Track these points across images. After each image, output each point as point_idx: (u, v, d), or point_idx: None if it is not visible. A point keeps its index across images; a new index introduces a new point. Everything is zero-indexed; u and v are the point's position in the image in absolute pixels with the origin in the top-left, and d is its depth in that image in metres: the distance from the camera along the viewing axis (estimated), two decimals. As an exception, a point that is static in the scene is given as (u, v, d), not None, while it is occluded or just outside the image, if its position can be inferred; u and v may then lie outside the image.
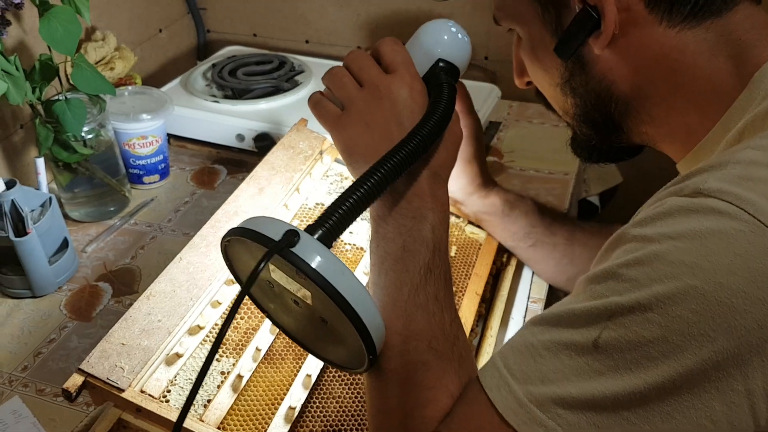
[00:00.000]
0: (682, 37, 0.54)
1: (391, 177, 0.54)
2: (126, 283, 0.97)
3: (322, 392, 0.71)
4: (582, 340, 0.45)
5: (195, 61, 1.58)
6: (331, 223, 0.52)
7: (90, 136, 1.03)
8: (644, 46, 0.56)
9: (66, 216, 1.07)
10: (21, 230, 0.90)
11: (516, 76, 0.70)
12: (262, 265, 0.47)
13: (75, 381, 0.62)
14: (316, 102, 0.65)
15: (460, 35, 0.65)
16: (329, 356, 0.58)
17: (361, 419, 0.69)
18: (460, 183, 0.85)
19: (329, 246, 0.51)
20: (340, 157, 1.00)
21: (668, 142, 0.61)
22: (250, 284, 0.47)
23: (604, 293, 0.45)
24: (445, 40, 0.64)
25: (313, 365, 0.70)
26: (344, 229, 0.53)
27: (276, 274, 0.53)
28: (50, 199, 0.95)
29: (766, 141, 0.46)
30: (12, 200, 0.90)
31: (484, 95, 1.29)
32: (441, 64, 0.63)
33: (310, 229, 0.51)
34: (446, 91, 0.61)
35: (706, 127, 0.55)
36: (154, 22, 1.45)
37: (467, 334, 0.80)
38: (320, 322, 0.55)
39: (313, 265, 0.48)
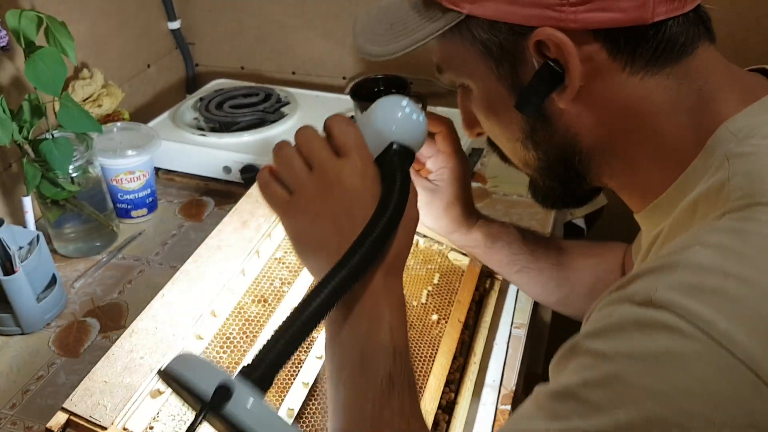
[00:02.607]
0: (645, 84, 0.53)
1: (337, 296, 0.51)
2: (113, 318, 0.98)
3: (310, 408, 0.71)
4: None
5: (184, 94, 1.60)
6: (269, 362, 0.49)
7: (77, 173, 1.05)
8: (608, 95, 0.54)
9: (54, 251, 1.09)
10: (9, 269, 0.92)
11: (466, 128, 0.68)
12: (197, 423, 0.45)
13: (58, 420, 0.63)
14: (264, 183, 0.60)
15: (414, 115, 0.60)
16: None
17: None
18: (441, 224, 0.84)
19: (269, 385, 0.49)
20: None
21: (627, 193, 0.61)
22: None
23: (566, 415, 0.44)
24: (398, 121, 0.60)
25: (310, 372, 0.71)
26: (286, 362, 0.50)
27: (212, 421, 0.50)
28: (38, 236, 0.96)
29: (715, 237, 0.45)
30: (0, 239, 0.91)
31: (467, 122, 1.30)
32: (394, 146, 0.59)
33: (247, 371, 0.48)
34: (399, 181, 0.57)
35: (665, 184, 0.56)
36: (143, 58, 1.47)
37: (449, 362, 0.81)
38: None
39: (248, 422, 0.45)
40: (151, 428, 0.65)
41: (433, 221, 0.83)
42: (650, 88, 0.53)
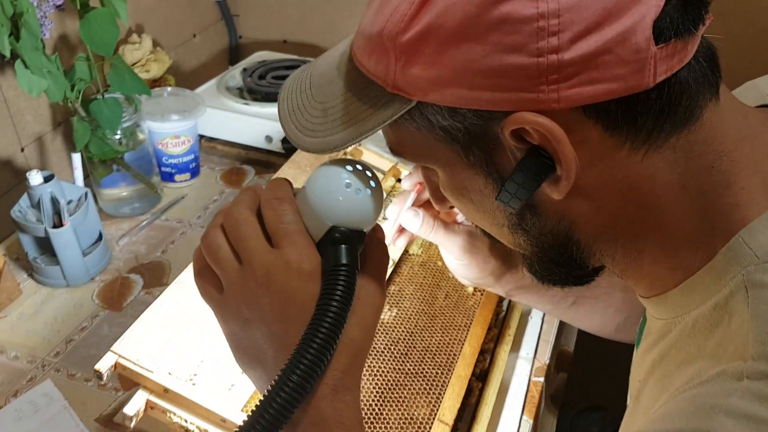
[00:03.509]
0: (649, 162, 0.43)
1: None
2: (156, 275, 1.00)
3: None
4: None
5: (227, 65, 1.62)
6: None
7: (125, 135, 1.07)
8: (607, 178, 0.45)
9: (100, 210, 1.11)
10: (57, 222, 0.94)
11: (436, 203, 0.59)
12: None
13: (107, 362, 0.65)
14: (196, 272, 0.52)
15: (358, 192, 0.49)
16: None
17: (379, 409, 0.71)
18: (489, 267, 0.73)
19: None
20: (362, 159, 1.03)
21: (632, 281, 0.53)
22: None
23: None
24: (338, 203, 0.49)
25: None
26: None
27: None
28: (86, 193, 0.99)
29: (729, 426, 0.38)
30: (50, 192, 0.93)
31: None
32: (336, 234, 0.49)
33: None
34: (342, 277, 0.47)
35: (673, 281, 0.48)
36: (189, 27, 1.49)
37: (484, 332, 0.81)
38: None
39: None
40: (195, 375, 0.67)
41: (479, 269, 0.73)
42: (655, 166, 0.44)
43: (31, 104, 1.07)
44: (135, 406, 0.65)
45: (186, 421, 0.65)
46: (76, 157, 1.02)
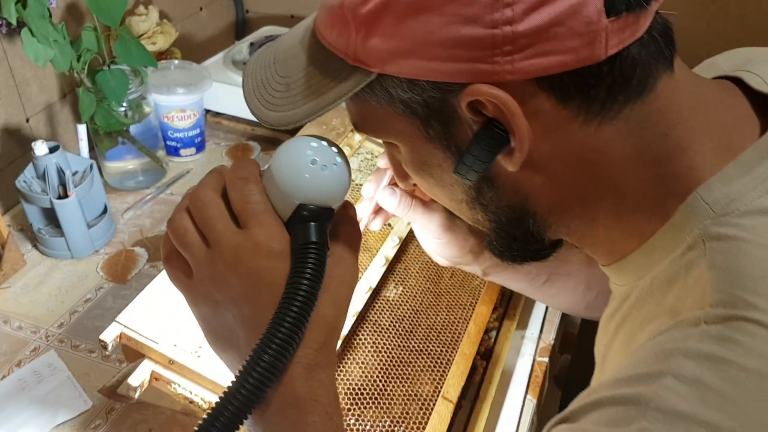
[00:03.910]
0: (602, 133, 0.44)
1: (243, 414, 0.44)
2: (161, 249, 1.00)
3: (347, 358, 0.73)
4: None
5: (233, 39, 1.61)
6: None
7: (131, 107, 1.06)
8: (561, 149, 0.45)
9: (105, 183, 1.11)
10: (62, 193, 0.94)
11: (399, 180, 0.59)
12: None
13: (112, 332, 0.65)
14: (165, 258, 0.51)
15: (324, 168, 0.48)
16: None
17: (383, 385, 0.71)
18: (468, 245, 0.72)
19: None
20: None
21: (590, 250, 0.54)
22: None
23: None
24: (304, 180, 0.48)
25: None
26: None
27: None
28: (91, 165, 0.98)
29: (690, 367, 0.38)
30: (55, 163, 0.93)
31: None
32: (304, 211, 0.48)
33: None
34: (312, 255, 0.46)
35: (630, 247, 0.49)
36: (196, 1, 1.47)
37: (489, 311, 0.81)
38: None
39: None
40: (200, 347, 0.67)
41: (458, 248, 0.72)
42: (608, 137, 0.45)
43: (36, 74, 1.07)
44: (140, 377, 0.65)
45: (191, 393, 0.65)
46: (82, 128, 1.02)
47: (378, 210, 0.72)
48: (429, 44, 0.42)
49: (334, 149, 0.50)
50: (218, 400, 0.44)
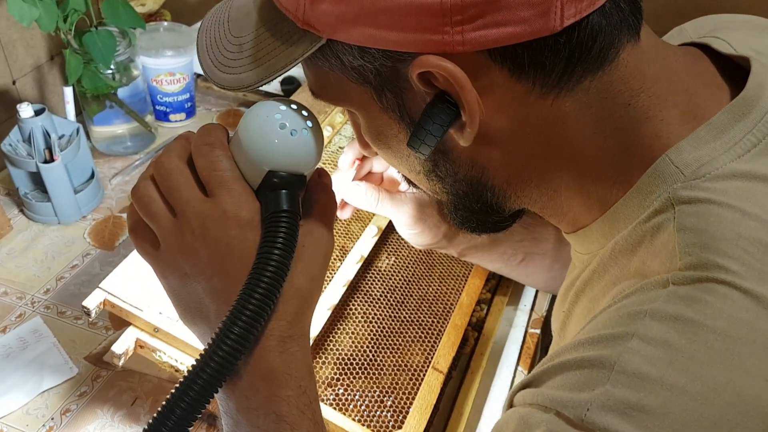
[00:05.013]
0: (560, 106, 0.43)
1: (212, 388, 0.42)
2: (149, 215, 0.98)
3: (337, 328, 0.72)
4: None
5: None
6: None
7: (119, 69, 1.04)
8: (517, 122, 0.44)
9: (93, 148, 1.09)
10: (48, 157, 0.92)
11: (362, 148, 0.57)
12: None
13: (95, 298, 0.64)
14: (132, 228, 0.49)
15: (294, 133, 0.46)
16: None
17: (373, 355, 0.70)
18: (442, 230, 0.72)
19: None
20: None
21: (553, 219, 0.52)
22: None
23: None
24: (273, 145, 0.46)
25: (332, 300, 0.71)
26: None
27: None
28: (78, 128, 0.96)
29: (657, 327, 0.37)
30: (41, 126, 0.91)
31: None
32: (274, 179, 0.46)
33: None
34: (284, 224, 0.44)
35: (592, 215, 0.48)
36: (187, -38, 1.44)
37: (482, 282, 0.80)
38: None
39: None
40: (186, 315, 0.65)
41: (432, 235, 0.72)
42: (567, 109, 0.43)
43: (23, 35, 1.04)
44: (124, 344, 0.64)
45: (176, 361, 0.64)
46: (68, 91, 0.99)
47: (344, 206, 0.73)
48: (377, 11, 0.40)
49: (304, 113, 0.47)
50: (186, 374, 0.42)
